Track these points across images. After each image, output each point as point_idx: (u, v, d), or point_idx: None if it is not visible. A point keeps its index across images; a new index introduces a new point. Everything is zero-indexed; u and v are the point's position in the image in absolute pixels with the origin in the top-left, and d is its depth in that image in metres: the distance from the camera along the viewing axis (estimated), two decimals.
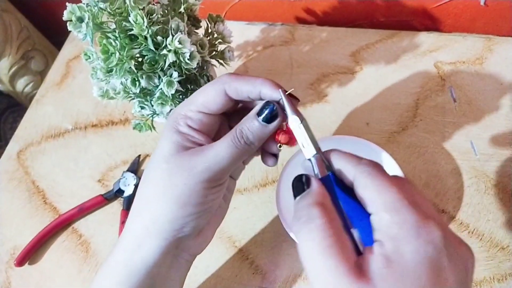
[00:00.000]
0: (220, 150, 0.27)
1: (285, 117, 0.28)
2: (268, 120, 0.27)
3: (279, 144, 0.29)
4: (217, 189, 0.28)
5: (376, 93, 0.53)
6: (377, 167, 0.24)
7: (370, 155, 0.42)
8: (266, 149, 0.30)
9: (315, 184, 0.25)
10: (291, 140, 0.29)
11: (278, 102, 0.27)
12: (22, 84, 0.77)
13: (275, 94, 0.27)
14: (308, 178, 0.26)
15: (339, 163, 0.26)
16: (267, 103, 0.27)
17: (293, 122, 0.27)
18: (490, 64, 0.54)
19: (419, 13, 0.59)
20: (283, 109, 0.27)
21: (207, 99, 0.28)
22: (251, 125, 0.27)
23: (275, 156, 0.31)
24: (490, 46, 0.55)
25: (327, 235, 0.22)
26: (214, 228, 0.32)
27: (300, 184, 0.26)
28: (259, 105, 0.28)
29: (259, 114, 0.27)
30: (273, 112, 0.27)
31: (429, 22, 0.60)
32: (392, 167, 0.42)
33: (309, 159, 0.27)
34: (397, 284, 0.20)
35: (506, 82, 0.52)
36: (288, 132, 0.28)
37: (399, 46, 0.57)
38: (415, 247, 0.20)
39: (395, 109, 0.52)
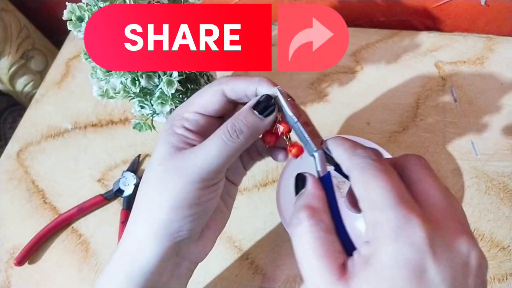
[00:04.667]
0: (210, 148, 0.26)
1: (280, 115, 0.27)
2: (264, 113, 0.27)
3: (267, 145, 0.29)
4: (212, 189, 0.27)
5: (377, 93, 0.53)
6: (371, 156, 0.23)
7: None
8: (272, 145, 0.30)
9: (309, 185, 0.25)
10: (278, 142, 0.29)
11: (274, 100, 0.27)
12: (21, 84, 0.77)
13: (271, 91, 0.27)
14: (303, 177, 0.26)
15: (336, 155, 0.25)
16: (265, 96, 0.27)
17: (291, 121, 0.27)
18: (491, 64, 0.53)
19: (420, 13, 0.59)
20: (279, 108, 0.27)
21: (205, 100, 0.28)
22: (246, 117, 0.26)
23: (284, 149, 0.30)
24: (490, 46, 0.55)
25: (313, 237, 0.22)
26: (215, 234, 0.32)
27: (297, 183, 0.26)
28: (255, 98, 0.27)
29: (255, 106, 0.27)
30: (270, 105, 0.27)
31: (429, 22, 0.60)
32: None
33: (313, 156, 0.26)
34: (371, 287, 0.20)
35: (506, 82, 0.52)
36: (277, 134, 0.28)
37: (400, 45, 0.57)
38: (393, 250, 0.20)
39: (395, 109, 0.52)
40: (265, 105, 0.27)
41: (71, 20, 0.34)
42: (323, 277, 0.21)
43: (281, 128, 0.27)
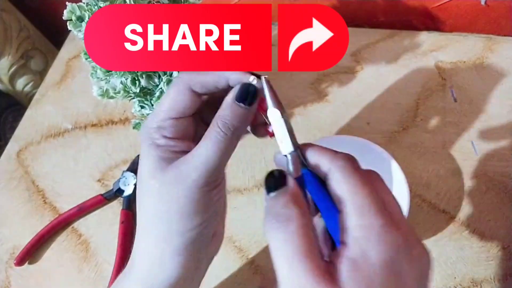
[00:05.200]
0: (208, 150, 0.25)
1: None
2: (248, 101, 0.26)
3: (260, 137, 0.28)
4: (218, 188, 0.27)
5: (377, 93, 0.53)
6: (352, 162, 0.24)
7: (370, 155, 0.42)
8: (253, 123, 0.29)
9: (291, 182, 0.24)
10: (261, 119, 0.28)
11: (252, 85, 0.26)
12: (21, 84, 0.77)
13: (244, 78, 0.26)
14: (284, 174, 0.25)
15: (314, 157, 0.25)
16: (244, 85, 0.26)
17: (274, 115, 0.26)
18: (491, 64, 0.53)
19: (420, 13, 0.59)
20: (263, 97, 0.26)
21: (174, 102, 0.26)
22: (233, 111, 0.26)
23: (265, 124, 0.29)
24: (490, 46, 0.55)
25: (305, 238, 0.22)
26: (222, 228, 0.32)
27: (274, 180, 0.25)
28: (234, 90, 0.26)
29: (239, 98, 0.26)
30: (254, 93, 0.26)
31: (429, 22, 0.60)
32: (393, 167, 0.42)
33: (285, 155, 0.26)
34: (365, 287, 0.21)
35: (506, 82, 0.52)
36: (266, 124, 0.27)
37: (400, 45, 0.57)
38: (380, 252, 0.21)
39: (395, 109, 0.52)
40: (247, 93, 0.26)
41: (71, 20, 0.34)
42: (312, 281, 0.21)
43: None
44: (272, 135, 0.27)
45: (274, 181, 0.25)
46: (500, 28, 0.58)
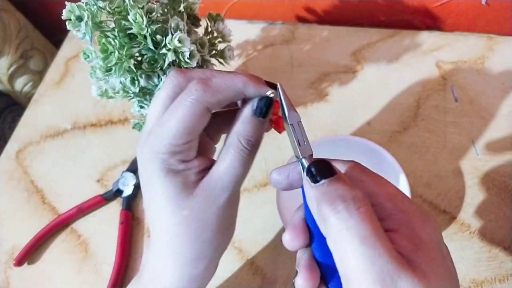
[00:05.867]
0: (235, 168, 0.25)
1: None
2: (263, 113, 0.26)
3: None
4: (237, 201, 0.28)
5: (377, 93, 0.53)
6: (363, 166, 0.25)
7: (371, 155, 0.42)
8: None
9: (338, 170, 0.23)
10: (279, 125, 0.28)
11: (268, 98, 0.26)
12: (21, 84, 0.77)
13: (262, 91, 0.25)
14: (330, 163, 0.23)
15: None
16: (262, 100, 0.25)
17: (293, 119, 0.26)
18: (492, 63, 0.53)
19: (421, 12, 0.59)
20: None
21: (191, 125, 0.24)
22: (255, 126, 0.25)
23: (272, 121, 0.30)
24: (491, 45, 0.55)
25: (375, 218, 0.21)
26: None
27: (321, 168, 0.23)
28: (253, 105, 0.26)
29: (258, 114, 0.25)
30: (271, 105, 0.26)
31: (430, 21, 0.60)
32: (394, 167, 0.41)
33: (302, 159, 0.25)
34: (441, 264, 0.22)
35: (507, 82, 0.52)
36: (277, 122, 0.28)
37: (400, 45, 0.57)
38: (429, 232, 0.22)
39: (396, 109, 0.52)
40: (262, 107, 0.25)
41: (70, 19, 0.34)
42: (396, 261, 0.19)
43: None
44: (282, 129, 0.28)
45: (321, 169, 0.23)
46: (501, 28, 0.58)
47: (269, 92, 0.26)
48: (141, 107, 0.41)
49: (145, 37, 0.35)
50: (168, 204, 0.25)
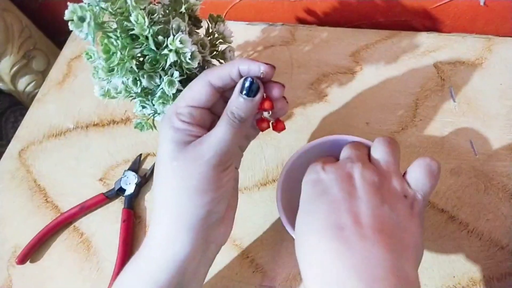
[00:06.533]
0: (221, 133, 0.29)
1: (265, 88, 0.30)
2: (251, 93, 0.29)
3: (266, 111, 0.31)
4: (229, 170, 0.30)
5: (376, 93, 0.54)
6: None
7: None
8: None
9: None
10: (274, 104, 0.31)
11: (258, 77, 0.29)
12: (23, 83, 0.77)
13: (252, 66, 0.29)
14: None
15: None
16: (245, 79, 0.29)
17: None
18: (490, 64, 0.54)
19: (419, 14, 0.59)
20: (263, 80, 0.30)
21: (194, 93, 0.30)
22: (238, 103, 0.29)
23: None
24: (489, 46, 0.55)
25: None
26: (232, 215, 0.34)
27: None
28: (239, 82, 0.30)
29: (241, 90, 0.29)
30: (253, 85, 0.29)
31: (428, 23, 0.60)
32: None
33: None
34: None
35: (505, 82, 0.52)
36: (269, 98, 0.31)
37: (399, 46, 0.57)
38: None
39: (394, 109, 0.52)
40: (250, 86, 0.29)
41: (72, 20, 0.35)
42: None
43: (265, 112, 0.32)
44: (272, 128, 0.32)
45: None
46: (499, 29, 0.58)
47: (259, 69, 0.29)
48: (143, 107, 0.41)
49: (147, 38, 0.35)
50: (164, 155, 0.29)
